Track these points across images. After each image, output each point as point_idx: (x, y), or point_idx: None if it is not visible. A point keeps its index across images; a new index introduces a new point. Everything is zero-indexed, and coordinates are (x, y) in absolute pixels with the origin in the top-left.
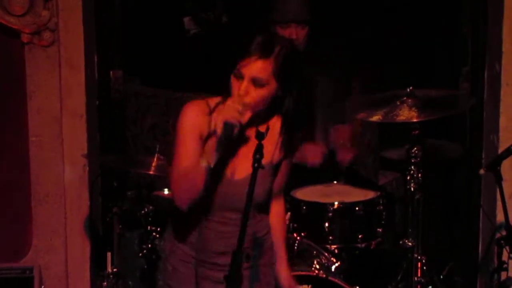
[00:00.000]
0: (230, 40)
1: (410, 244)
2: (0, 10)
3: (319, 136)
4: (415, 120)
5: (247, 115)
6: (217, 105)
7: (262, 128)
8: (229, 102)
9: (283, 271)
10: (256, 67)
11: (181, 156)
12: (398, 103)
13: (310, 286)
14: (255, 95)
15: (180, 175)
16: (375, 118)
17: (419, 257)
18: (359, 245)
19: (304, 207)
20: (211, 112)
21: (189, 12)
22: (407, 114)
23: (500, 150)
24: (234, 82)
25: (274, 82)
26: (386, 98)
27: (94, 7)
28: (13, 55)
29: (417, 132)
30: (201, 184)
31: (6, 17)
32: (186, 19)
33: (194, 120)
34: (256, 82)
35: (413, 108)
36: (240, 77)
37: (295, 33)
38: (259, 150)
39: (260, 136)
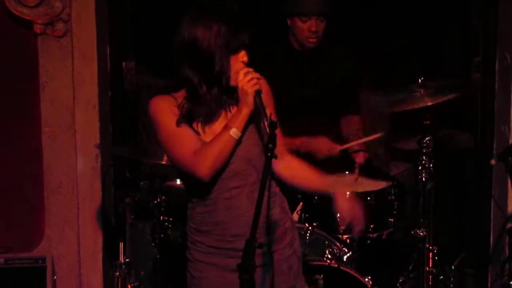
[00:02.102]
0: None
1: (421, 234)
2: (13, 1)
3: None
4: (429, 104)
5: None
6: (184, 98)
7: (274, 117)
8: (241, 73)
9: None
10: None
11: (183, 140)
12: (410, 93)
13: (322, 275)
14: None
15: (211, 151)
16: (388, 108)
17: (430, 247)
18: (370, 235)
19: (316, 197)
20: (179, 106)
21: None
22: (419, 102)
23: (511, 141)
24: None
25: None
26: (398, 89)
27: None
28: (26, 46)
29: (428, 122)
30: (229, 154)
31: (19, 8)
32: None
33: (167, 107)
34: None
35: (425, 98)
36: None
37: (315, 25)
38: (272, 139)
39: (273, 126)
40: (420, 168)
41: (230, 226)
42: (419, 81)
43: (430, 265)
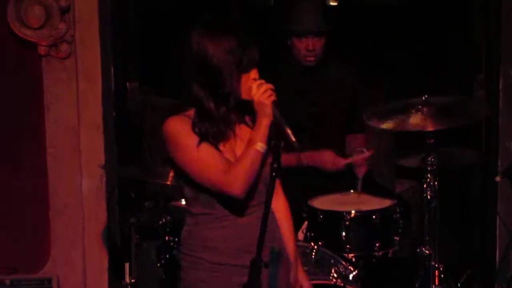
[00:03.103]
0: None
1: (427, 252)
2: (17, 23)
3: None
4: (430, 129)
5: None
6: (195, 117)
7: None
8: (254, 86)
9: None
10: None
11: (209, 160)
12: (413, 111)
13: None
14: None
15: (242, 169)
16: (391, 126)
17: (436, 265)
18: (376, 253)
19: (321, 216)
20: (193, 124)
21: None
22: (422, 122)
23: None
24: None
25: None
26: (401, 106)
27: (110, 19)
28: (31, 67)
29: (432, 140)
30: (258, 168)
31: (23, 30)
32: None
33: (186, 127)
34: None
35: (428, 117)
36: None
37: (312, 44)
38: (277, 159)
39: (278, 147)
40: (425, 186)
41: (240, 242)
42: (423, 98)
43: (437, 283)
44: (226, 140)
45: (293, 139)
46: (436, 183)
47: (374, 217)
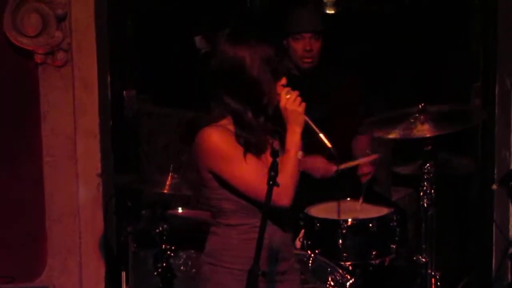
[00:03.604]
0: None
1: (423, 260)
2: (13, 31)
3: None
4: (428, 135)
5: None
6: (233, 128)
7: (276, 145)
8: (282, 94)
9: None
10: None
11: (253, 172)
12: (411, 120)
13: None
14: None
15: (288, 180)
16: (390, 135)
17: (433, 273)
18: (373, 261)
19: (318, 224)
20: (237, 134)
21: (201, 31)
22: (420, 130)
23: None
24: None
25: None
26: (398, 115)
27: (107, 27)
28: (27, 75)
29: (429, 147)
30: (298, 176)
31: (19, 38)
32: (197, 38)
33: (229, 138)
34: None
35: (426, 124)
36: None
37: (309, 44)
38: (274, 167)
39: (275, 154)
40: (421, 193)
41: (278, 250)
42: (420, 106)
43: None
44: (264, 151)
45: (329, 145)
46: (433, 190)
47: (371, 225)
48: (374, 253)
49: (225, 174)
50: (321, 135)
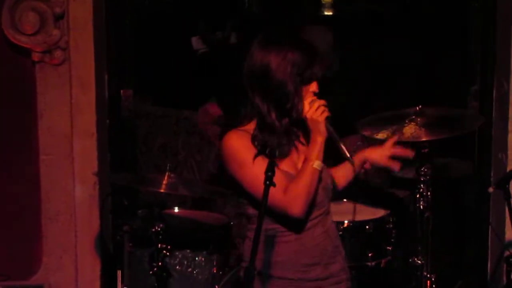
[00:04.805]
0: (238, 59)
1: (419, 262)
2: (11, 30)
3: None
4: (423, 139)
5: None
6: (255, 130)
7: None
8: (306, 103)
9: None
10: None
11: (260, 171)
12: (407, 121)
13: None
14: None
15: (301, 189)
16: (383, 136)
17: (428, 275)
18: (369, 263)
19: None
20: (253, 139)
21: (198, 32)
22: (416, 132)
23: (508, 168)
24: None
25: None
26: (395, 116)
27: (105, 26)
28: (24, 73)
29: (426, 150)
30: (316, 187)
31: (17, 36)
32: (193, 39)
33: (247, 144)
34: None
35: (422, 127)
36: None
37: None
38: (271, 167)
39: (273, 154)
40: (418, 196)
41: (305, 256)
42: (417, 108)
43: None
44: (287, 154)
45: (348, 155)
46: (429, 193)
47: (367, 227)
48: (370, 255)
49: (239, 178)
50: (341, 145)
